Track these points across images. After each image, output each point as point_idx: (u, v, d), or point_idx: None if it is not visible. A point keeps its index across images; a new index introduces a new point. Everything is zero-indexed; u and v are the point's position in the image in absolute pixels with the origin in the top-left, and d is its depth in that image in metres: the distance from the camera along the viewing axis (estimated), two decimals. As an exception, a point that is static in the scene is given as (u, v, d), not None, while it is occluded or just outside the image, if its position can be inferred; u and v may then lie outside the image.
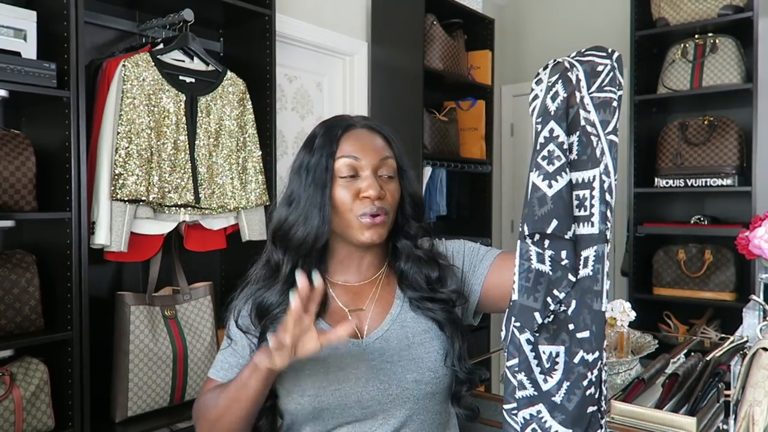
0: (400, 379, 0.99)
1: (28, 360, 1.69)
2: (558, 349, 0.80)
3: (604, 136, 0.79)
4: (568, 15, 3.88)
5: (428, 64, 2.95)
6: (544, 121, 0.82)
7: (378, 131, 1.07)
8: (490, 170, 3.38)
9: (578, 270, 0.79)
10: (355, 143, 1.04)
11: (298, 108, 2.92)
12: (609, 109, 0.79)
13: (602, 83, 0.80)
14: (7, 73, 1.58)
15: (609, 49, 0.83)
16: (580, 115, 0.80)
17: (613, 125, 0.79)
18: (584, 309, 0.78)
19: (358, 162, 1.02)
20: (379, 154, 1.03)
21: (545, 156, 0.80)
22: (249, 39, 2.30)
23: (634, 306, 1.74)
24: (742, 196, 2.87)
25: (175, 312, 2.00)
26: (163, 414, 1.95)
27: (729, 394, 1.14)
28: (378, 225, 1.01)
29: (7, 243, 1.83)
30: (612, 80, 0.80)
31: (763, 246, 1.40)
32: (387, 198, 1.02)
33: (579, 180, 0.80)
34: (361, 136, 1.05)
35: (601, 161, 0.79)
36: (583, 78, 0.81)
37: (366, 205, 1.00)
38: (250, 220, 2.15)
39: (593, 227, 0.79)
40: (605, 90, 0.80)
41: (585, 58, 0.83)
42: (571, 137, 0.81)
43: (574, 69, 0.82)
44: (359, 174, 1.02)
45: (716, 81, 2.87)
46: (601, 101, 0.80)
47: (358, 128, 1.06)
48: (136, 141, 1.83)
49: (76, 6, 1.70)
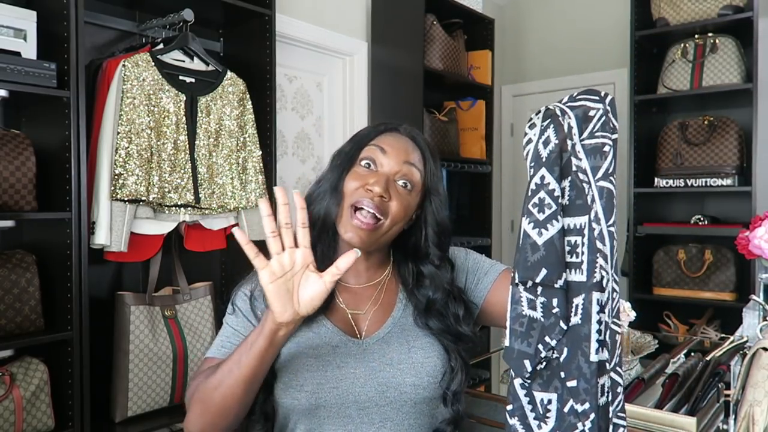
0: (399, 382, 0.99)
1: (28, 360, 1.69)
2: (551, 396, 0.79)
3: (594, 183, 0.78)
4: (568, 15, 3.88)
5: (428, 64, 2.95)
6: (535, 168, 0.81)
7: (419, 145, 1.05)
8: (490, 170, 3.38)
9: (570, 318, 0.79)
10: (390, 140, 1.03)
11: (298, 108, 2.92)
12: (600, 155, 0.78)
13: (594, 129, 0.80)
14: (7, 73, 1.58)
15: (602, 93, 0.83)
16: (572, 162, 0.80)
17: (604, 170, 0.78)
18: (576, 358, 0.78)
19: (382, 154, 1.01)
20: (406, 158, 1.01)
21: (536, 203, 0.80)
22: (249, 39, 2.30)
23: (634, 306, 1.73)
24: (742, 196, 2.87)
25: (175, 312, 2.00)
26: (163, 414, 1.95)
27: (729, 394, 1.14)
28: (363, 229, 0.98)
29: (7, 243, 1.83)
30: (604, 125, 0.80)
31: (763, 246, 1.40)
32: (391, 204, 0.99)
33: (570, 226, 0.79)
34: (400, 139, 1.04)
35: (591, 208, 0.78)
36: (575, 125, 0.80)
37: (363, 195, 0.98)
38: (250, 220, 2.15)
39: (582, 275, 0.78)
40: (597, 136, 0.79)
41: (577, 104, 0.82)
42: (564, 182, 0.80)
43: (566, 115, 0.81)
44: (377, 168, 1.01)
45: (716, 81, 2.87)
46: (592, 147, 0.79)
47: (402, 133, 1.06)
48: (136, 141, 1.83)
49: (76, 6, 1.70)
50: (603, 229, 0.78)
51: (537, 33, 4.03)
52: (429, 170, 1.05)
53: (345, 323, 1.04)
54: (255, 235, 2.16)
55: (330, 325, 1.02)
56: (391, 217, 0.99)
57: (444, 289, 1.04)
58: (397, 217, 1.00)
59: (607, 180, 0.78)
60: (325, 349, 0.99)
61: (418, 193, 1.03)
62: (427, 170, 1.04)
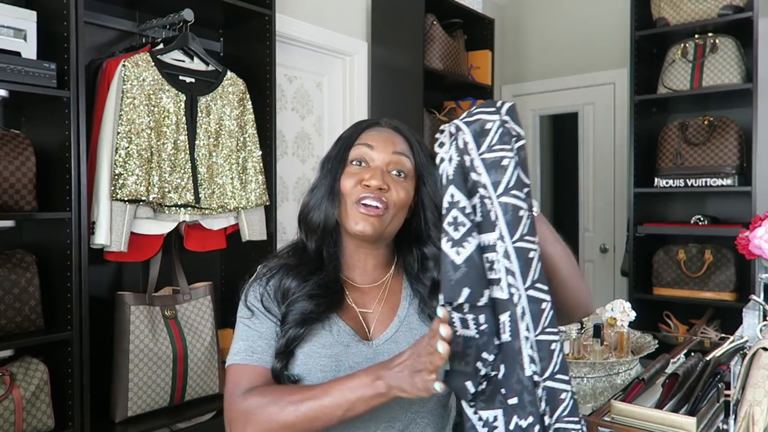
0: None
1: (28, 360, 1.69)
2: (495, 413, 0.80)
3: (496, 199, 0.78)
4: (568, 15, 3.88)
5: (428, 64, 2.95)
6: (445, 187, 0.80)
7: (403, 134, 1.07)
8: (490, 170, 3.37)
9: (500, 335, 0.79)
10: (374, 135, 1.05)
11: (298, 108, 2.92)
12: (499, 170, 0.78)
13: (492, 142, 0.79)
14: (7, 73, 1.58)
15: (498, 103, 0.82)
16: (473, 178, 0.79)
17: (505, 185, 0.77)
18: (514, 373, 0.78)
19: (369, 151, 1.02)
20: (394, 148, 1.03)
21: (450, 222, 0.79)
22: (249, 39, 2.30)
23: (634, 306, 1.74)
24: (742, 196, 2.87)
25: (175, 312, 2.00)
26: (163, 414, 1.95)
27: (729, 394, 1.14)
28: (372, 216, 0.99)
29: (7, 243, 1.83)
30: (502, 136, 0.79)
31: (763, 246, 1.40)
32: (391, 193, 1.01)
33: (486, 242, 0.79)
34: (383, 131, 1.06)
35: (496, 225, 0.78)
36: (470, 140, 0.80)
37: (362, 191, 1.00)
38: (250, 220, 2.15)
39: (503, 292, 0.78)
40: (495, 149, 0.78)
41: (473, 118, 0.81)
42: (473, 199, 0.80)
43: (461, 132, 0.80)
44: (369, 164, 1.03)
45: (716, 81, 2.87)
46: (491, 161, 0.78)
47: (384, 126, 1.08)
48: (136, 141, 1.83)
49: (76, 6, 1.70)
50: (508, 246, 0.78)
51: (537, 33, 4.03)
52: (418, 157, 1.06)
53: (355, 322, 1.04)
54: (255, 235, 2.17)
55: (342, 324, 1.02)
56: (393, 204, 1.01)
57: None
58: (400, 203, 1.02)
59: (510, 195, 0.78)
60: (338, 348, 1.00)
61: (413, 179, 1.05)
62: (416, 157, 1.06)
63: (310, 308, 1.00)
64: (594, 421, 1.28)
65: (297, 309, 1.00)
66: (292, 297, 1.01)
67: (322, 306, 1.01)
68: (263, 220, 2.19)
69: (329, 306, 1.02)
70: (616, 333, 1.66)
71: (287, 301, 1.01)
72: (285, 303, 1.01)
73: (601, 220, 3.85)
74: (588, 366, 1.54)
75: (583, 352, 1.63)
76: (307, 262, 1.05)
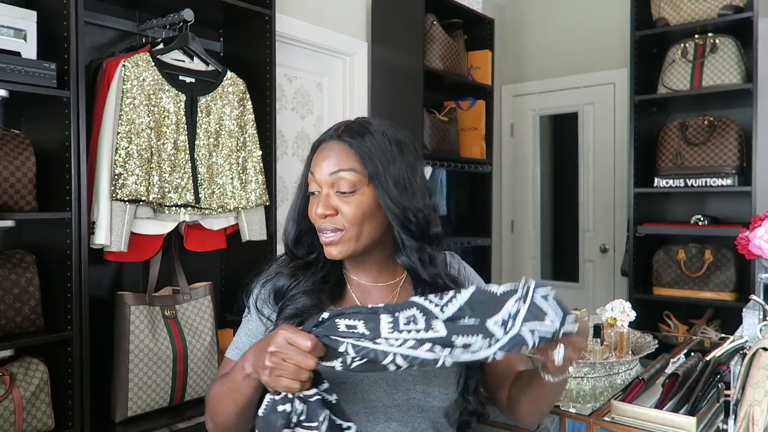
0: (409, 387, 0.99)
1: (28, 360, 1.69)
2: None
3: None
4: (568, 15, 3.88)
5: (428, 64, 2.95)
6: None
7: (350, 144, 1.00)
8: (490, 170, 3.38)
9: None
10: (318, 159, 1.02)
11: (298, 108, 2.92)
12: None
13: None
14: (7, 73, 1.58)
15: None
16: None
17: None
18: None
19: (313, 177, 1.02)
20: (330, 169, 0.99)
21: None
22: (249, 39, 2.30)
23: (634, 306, 1.73)
24: (742, 196, 2.87)
25: (175, 312, 2.00)
26: (163, 414, 1.95)
27: (729, 394, 1.14)
28: (333, 243, 0.99)
29: (7, 243, 1.83)
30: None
31: (763, 246, 1.40)
32: (340, 216, 0.99)
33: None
34: (326, 149, 1.02)
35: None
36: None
37: (316, 221, 1.01)
38: (250, 220, 2.15)
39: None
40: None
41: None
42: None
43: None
44: (319, 191, 1.02)
45: (716, 81, 2.87)
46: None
47: (329, 141, 1.03)
48: (136, 141, 1.83)
49: (76, 6, 1.70)
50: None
51: (537, 33, 4.03)
52: (368, 164, 0.99)
53: None
54: (255, 235, 2.16)
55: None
56: (349, 223, 0.99)
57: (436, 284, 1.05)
58: (354, 219, 0.99)
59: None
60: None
61: (364, 189, 0.99)
62: (366, 165, 0.99)
63: (309, 304, 1.00)
64: (594, 421, 1.28)
65: (293, 305, 1.00)
66: (289, 294, 1.01)
67: (321, 301, 1.01)
68: (263, 220, 2.19)
69: (328, 299, 1.03)
70: (616, 333, 1.66)
71: (282, 301, 1.02)
72: (280, 303, 1.02)
73: (601, 220, 3.85)
74: (588, 366, 1.54)
75: (583, 352, 1.63)
76: (303, 265, 1.05)
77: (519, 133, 4.20)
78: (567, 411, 1.33)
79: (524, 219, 4.19)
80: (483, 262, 3.41)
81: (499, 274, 4.20)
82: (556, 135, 4.23)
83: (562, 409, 1.34)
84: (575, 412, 1.32)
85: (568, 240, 4.01)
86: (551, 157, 4.25)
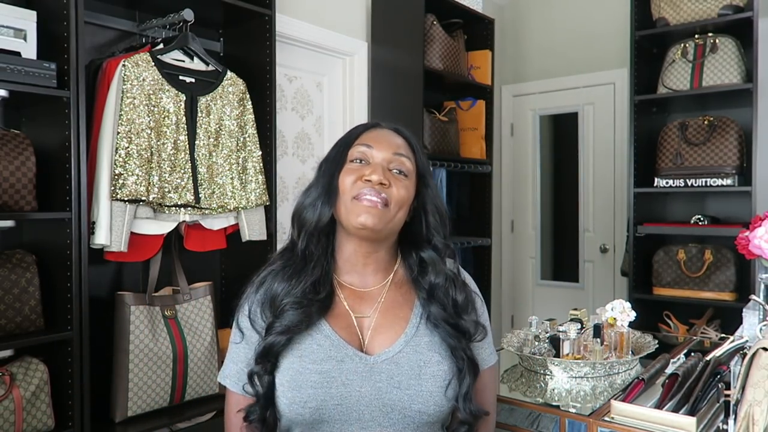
0: (405, 407, 0.97)
1: (28, 360, 1.69)
2: None
3: None
4: (568, 15, 3.88)
5: (428, 64, 2.95)
6: None
7: (403, 135, 1.07)
8: (490, 170, 3.38)
9: None
10: (374, 136, 1.05)
11: (298, 108, 2.92)
12: None
13: None
14: (7, 73, 1.58)
15: None
16: None
17: None
18: None
19: (369, 150, 1.02)
20: (394, 149, 1.03)
21: None
22: (249, 39, 2.30)
23: (634, 306, 1.74)
24: (742, 196, 2.87)
25: (175, 312, 2.00)
26: (163, 414, 1.95)
27: (729, 394, 1.14)
28: (373, 208, 0.97)
29: (7, 243, 1.83)
30: None
31: (763, 246, 1.40)
32: (392, 189, 1.00)
33: None
34: (382, 132, 1.07)
35: None
36: None
37: (362, 186, 0.99)
38: (250, 220, 2.15)
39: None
40: None
41: None
42: None
43: None
44: (369, 162, 1.02)
45: (716, 81, 2.87)
46: None
47: (383, 128, 1.08)
48: (136, 141, 1.83)
49: (76, 6, 1.70)
50: None
51: (537, 33, 4.03)
52: (419, 158, 1.06)
53: (349, 331, 1.02)
54: (255, 235, 2.16)
55: (333, 335, 1.00)
56: (394, 202, 1.00)
57: (446, 274, 1.05)
58: (401, 201, 1.01)
59: None
60: (330, 363, 0.97)
61: (413, 180, 1.04)
62: (417, 158, 1.06)
63: (297, 320, 0.98)
64: (594, 421, 1.28)
65: (283, 319, 0.98)
66: (281, 305, 0.99)
67: (310, 315, 0.99)
68: (263, 220, 2.19)
69: (317, 313, 1.00)
70: (616, 333, 1.66)
71: (274, 312, 1.00)
72: (273, 313, 1.00)
73: (601, 220, 3.85)
74: (588, 366, 1.54)
75: (583, 352, 1.63)
76: (295, 262, 1.03)
77: (519, 133, 4.20)
78: (567, 411, 1.33)
79: (524, 219, 4.19)
80: (483, 262, 3.42)
81: (499, 274, 4.20)
82: (556, 135, 4.24)
83: (562, 409, 1.34)
84: (575, 412, 1.32)
85: (568, 240, 4.01)
86: (551, 157, 4.25)
